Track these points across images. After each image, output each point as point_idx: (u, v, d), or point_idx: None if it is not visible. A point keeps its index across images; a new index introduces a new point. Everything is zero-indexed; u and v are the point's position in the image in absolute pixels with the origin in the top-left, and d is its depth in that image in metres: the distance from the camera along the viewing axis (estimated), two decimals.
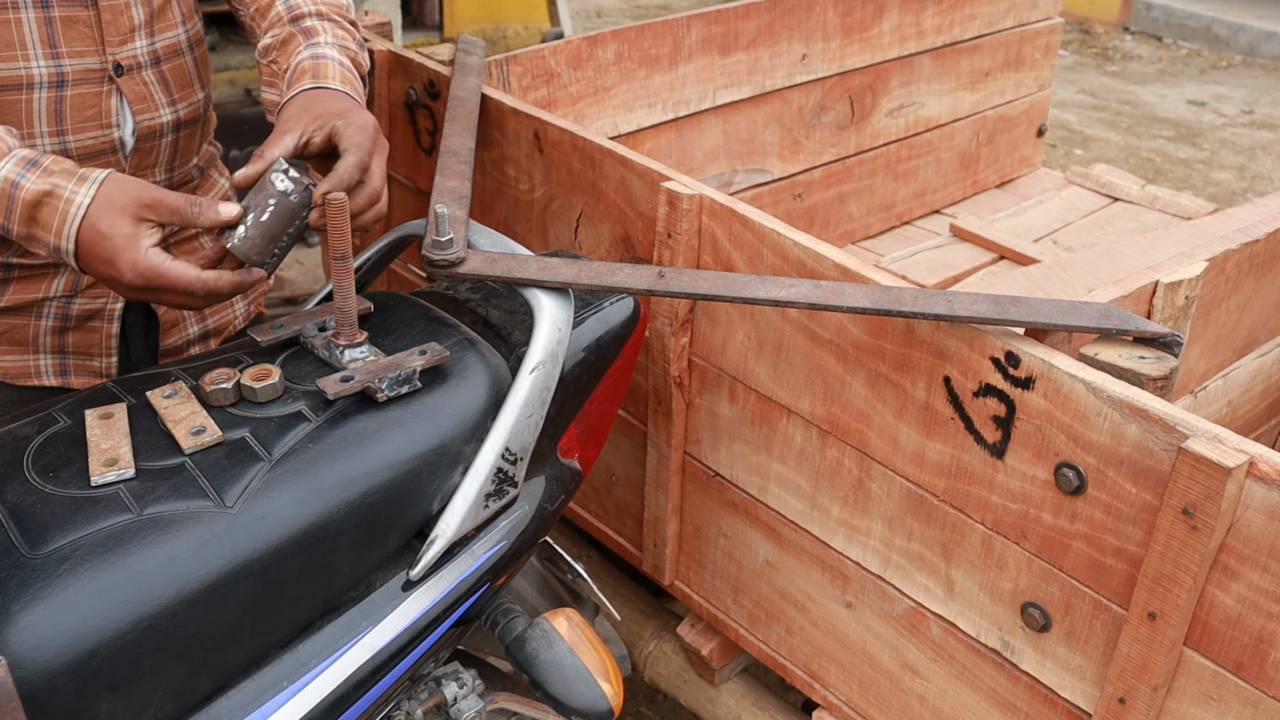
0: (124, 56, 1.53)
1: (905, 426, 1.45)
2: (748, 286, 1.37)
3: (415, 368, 1.31)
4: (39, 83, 1.47)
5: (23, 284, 1.59)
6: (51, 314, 1.62)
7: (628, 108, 2.31)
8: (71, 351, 1.66)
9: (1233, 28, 7.55)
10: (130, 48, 1.53)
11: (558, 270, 1.39)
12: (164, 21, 1.58)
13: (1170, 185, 5.38)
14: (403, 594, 1.29)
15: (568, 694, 1.44)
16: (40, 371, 1.65)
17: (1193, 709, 1.28)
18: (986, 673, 1.49)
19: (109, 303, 1.64)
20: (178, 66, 1.62)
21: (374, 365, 1.32)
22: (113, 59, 1.52)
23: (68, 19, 1.47)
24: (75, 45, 1.48)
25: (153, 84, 1.57)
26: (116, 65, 1.52)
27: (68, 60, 1.48)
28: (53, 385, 1.66)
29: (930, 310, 1.31)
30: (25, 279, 1.58)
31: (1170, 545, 1.20)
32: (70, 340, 1.65)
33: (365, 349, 1.35)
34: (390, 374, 1.29)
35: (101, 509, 1.13)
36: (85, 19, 1.49)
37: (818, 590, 1.68)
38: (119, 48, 1.52)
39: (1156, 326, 1.34)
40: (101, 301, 1.64)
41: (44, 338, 1.63)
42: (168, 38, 1.59)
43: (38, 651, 1.03)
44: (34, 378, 1.64)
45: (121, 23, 1.52)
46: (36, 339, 1.63)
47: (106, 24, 1.50)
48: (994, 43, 3.02)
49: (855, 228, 2.94)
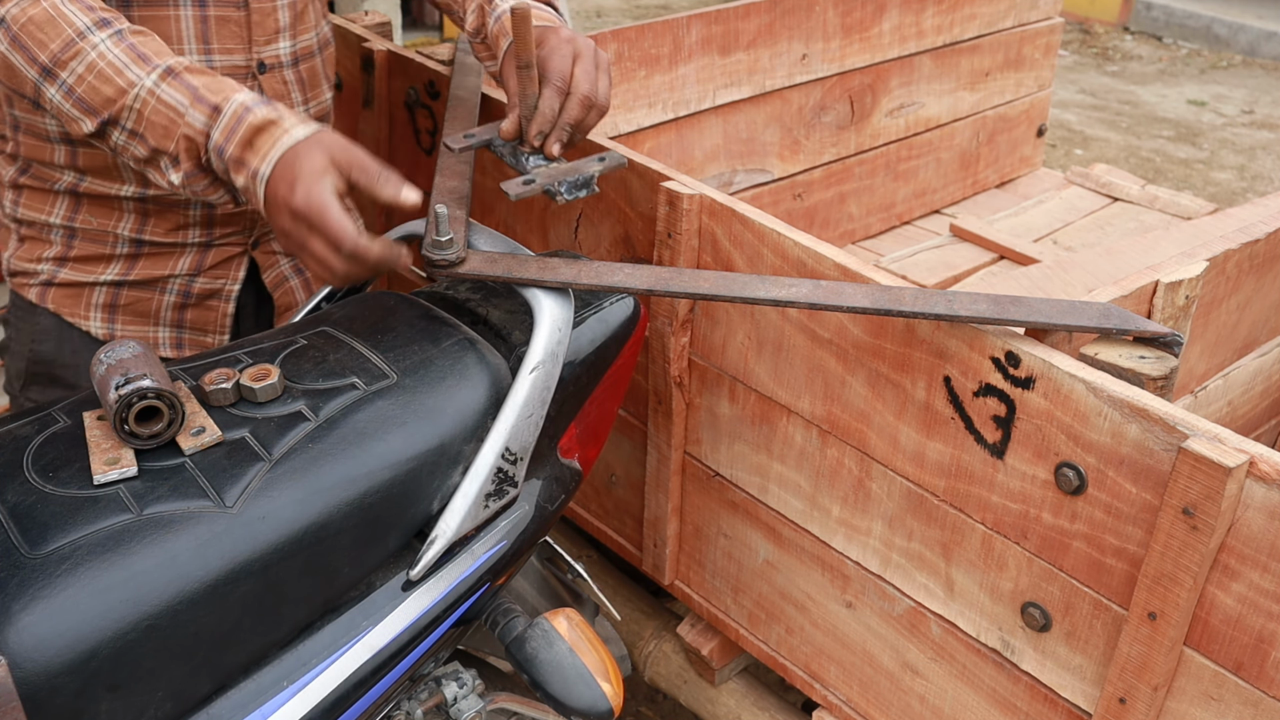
0: (267, 56, 1.62)
1: (905, 426, 1.45)
2: (748, 286, 1.37)
3: (594, 172, 1.40)
4: None
5: (152, 260, 1.68)
6: (175, 290, 1.71)
7: (628, 107, 2.31)
8: (188, 327, 1.75)
9: (1233, 28, 7.55)
10: (274, 48, 1.63)
11: (558, 270, 1.39)
12: (304, 24, 1.68)
13: (1170, 185, 5.38)
14: (403, 594, 1.29)
15: (568, 694, 1.44)
16: (158, 343, 1.74)
17: (1193, 709, 1.28)
18: (987, 672, 1.49)
19: (227, 284, 1.74)
20: (311, 67, 1.71)
21: (555, 170, 1.40)
22: (257, 57, 1.61)
23: (221, 18, 1.56)
24: (226, 43, 1.57)
25: (290, 83, 1.67)
26: (260, 63, 1.61)
27: (217, 56, 1.57)
28: (168, 357, 1.74)
29: (930, 310, 1.31)
30: (155, 255, 1.68)
31: (1170, 545, 1.20)
32: (188, 316, 1.74)
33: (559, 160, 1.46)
34: (569, 178, 1.38)
35: (101, 509, 1.13)
36: (237, 19, 1.57)
37: (818, 590, 1.68)
38: (264, 47, 1.61)
39: (1157, 326, 1.34)
40: (221, 282, 1.73)
41: (165, 312, 1.72)
42: (305, 39, 1.69)
43: (38, 651, 1.02)
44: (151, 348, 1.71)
45: (269, 24, 1.61)
46: (158, 313, 1.72)
47: (255, 24, 1.59)
48: (994, 43, 3.02)
49: (855, 228, 2.94)
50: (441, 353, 1.38)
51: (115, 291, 1.68)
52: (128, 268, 1.67)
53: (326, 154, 1.31)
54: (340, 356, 1.35)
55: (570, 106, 1.45)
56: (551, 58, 1.47)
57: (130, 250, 1.66)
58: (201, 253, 1.70)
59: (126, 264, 1.67)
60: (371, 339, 1.38)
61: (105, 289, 1.68)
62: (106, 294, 1.68)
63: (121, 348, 1.23)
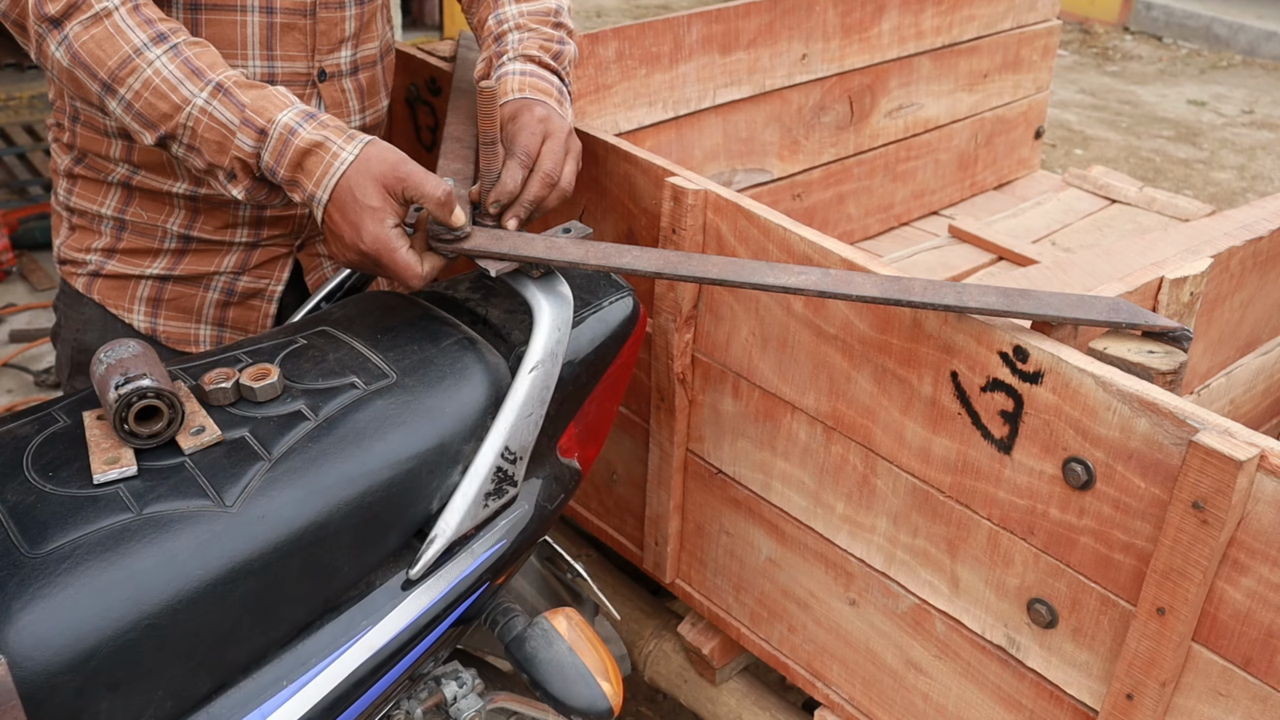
0: (329, 64, 1.64)
1: (911, 422, 1.45)
2: (756, 272, 1.36)
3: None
4: (252, 79, 1.55)
5: (198, 257, 1.69)
6: (219, 288, 1.72)
7: (628, 106, 2.30)
8: (230, 325, 1.76)
9: (1233, 28, 7.56)
10: (335, 57, 1.64)
11: (565, 250, 1.38)
12: (368, 34, 1.69)
13: (1170, 185, 5.38)
14: (402, 593, 1.29)
15: (567, 693, 1.43)
16: (199, 340, 1.75)
17: (1201, 705, 1.27)
18: (992, 670, 1.48)
19: (270, 284, 1.75)
20: (371, 76, 1.73)
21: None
22: (319, 65, 1.62)
23: (287, 26, 1.57)
24: (289, 50, 1.59)
25: (349, 91, 1.68)
26: (320, 71, 1.63)
27: (280, 63, 1.59)
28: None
29: (939, 301, 1.31)
30: (201, 252, 1.69)
31: (1180, 540, 1.19)
32: (231, 314, 1.75)
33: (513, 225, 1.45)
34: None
35: (101, 508, 1.13)
36: (303, 27, 1.59)
37: (821, 588, 1.67)
38: (326, 56, 1.63)
39: (1166, 321, 1.33)
40: (264, 282, 1.74)
41: (208, 309, 1.73)
42: (368, 49, 1.70)
43: (38, 650, 1.02)
44: (192, 345, 1.74)
45: (334, 33, 1.62)
46: (201, 309, 1.73)
47: (321, 34, 1.61)
48: (992, 44, 3.02)
49: (854, 228, 2.93)
50: (441, 352, 1.37)
51: (160, 286, 1.70)
52: (174, 262, 1.68)
53: (379, 185, 1.34)
54: (340, 356, 1.35)
55: (532, 183, 1.45)
56: (521, 133, 1.47)
57: (178, 245, 1.68)
58: (247, 252, 1.71)
59: (173, 259, 1.68)
60: (371, 338, 1.38)
61: (150, 283, 1.69)
62: (151, 288, 1.70)
63: (121, 347, 1.23)
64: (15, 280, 4.03)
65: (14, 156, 4.53)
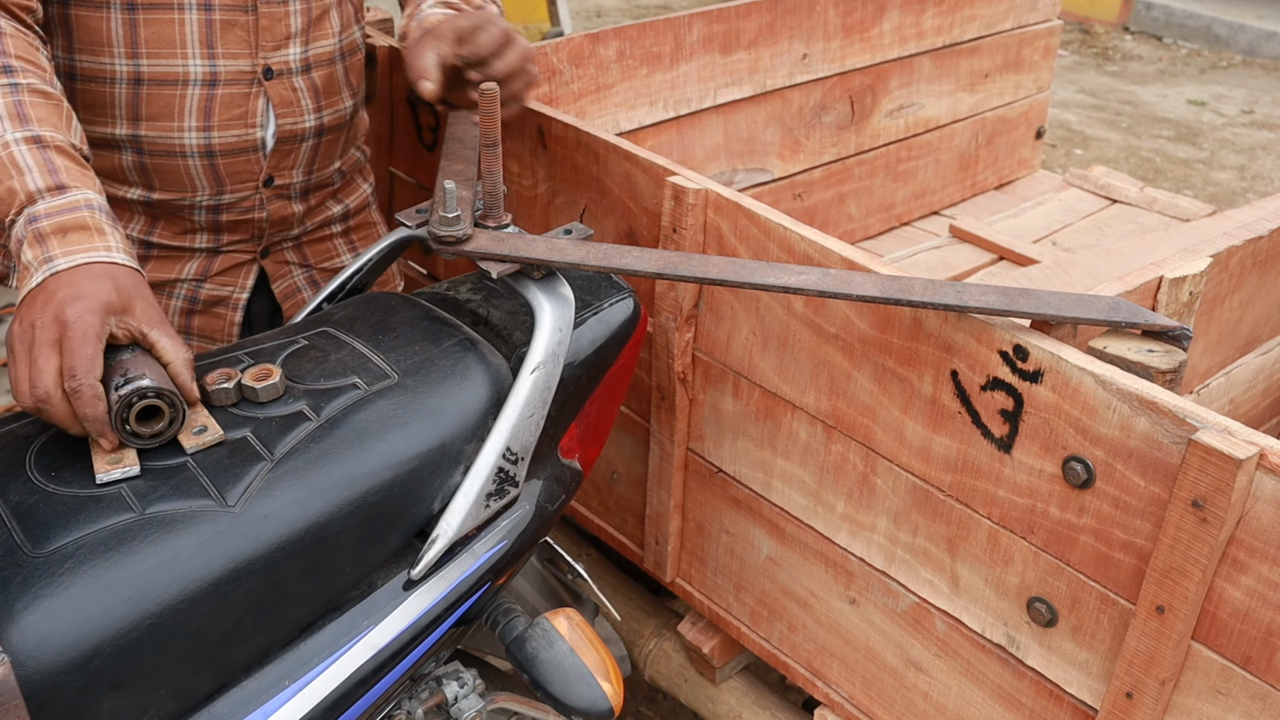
0: (275, 61, 1.59)
1: (911, 421, 1.45)
2: (757, 272, 1.36)
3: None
4: (193, 80, 1.54)
5: (160, 264, 1.68)
6: (182, 295, 1.70)
7: (629, 105, 2.31)
8: (196, 333, 1.74)
9: (1233, 28, 7.56)
10: (283, 54, 1.60)
11: (565, 251, 1.38)
12: (320, 31, 1.65)
13: (1170, 185, 5.38)
14: (404, 593, 1.29)
15: (568, 693, 1.44)
16: None
17: (1200, 703, 1.27)
18: (991, 669, 1.48)
19: (235, 291, 1.73)
20: (328, 75, 1.68)
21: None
22: (264, 63, 1.58)
23: (227, 22, 1.54)
24: (231, 47, 1.55)
25: (301, 90, 1.64)
26: (266, 69, 1.59)
27: (222, 61, 1.55)
28: None
29: (939, 300, 1.31)
30: (162, 259, 1.67)
31: (1179, 538, 1.19)
32: (196, 323, 1.73)
33: (512, 229, 1.44)
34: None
35: (104, 508, 1.13)
36: (244, 23, 1.55)
37: (821, 587, 1.67)
38: (272, 53, 1.59)
39: (1166, 320, 1.33)
40: (229, 289, 1.72)
41: (173, 317, 1.71)
42: (322, 46, 1.66)
43: (40, 650, 1.02)
44: None
45: (278, 30, 1.58)
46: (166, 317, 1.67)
47: (263, 30, 1.57)
48: (993, 44, 3.02)
49: (855, 228, 2.94)
50: (442, 353, 1.38)
51: None
52: None
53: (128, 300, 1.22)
54: (341, 357, 1.35)
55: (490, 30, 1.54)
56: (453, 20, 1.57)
57: (140, 251, 1.66)
58: (209, 258, 1.69)
59: None
60: (373, 339, 1.38)
61: None
62: None
63: (119, 349, 1.23)
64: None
65: None
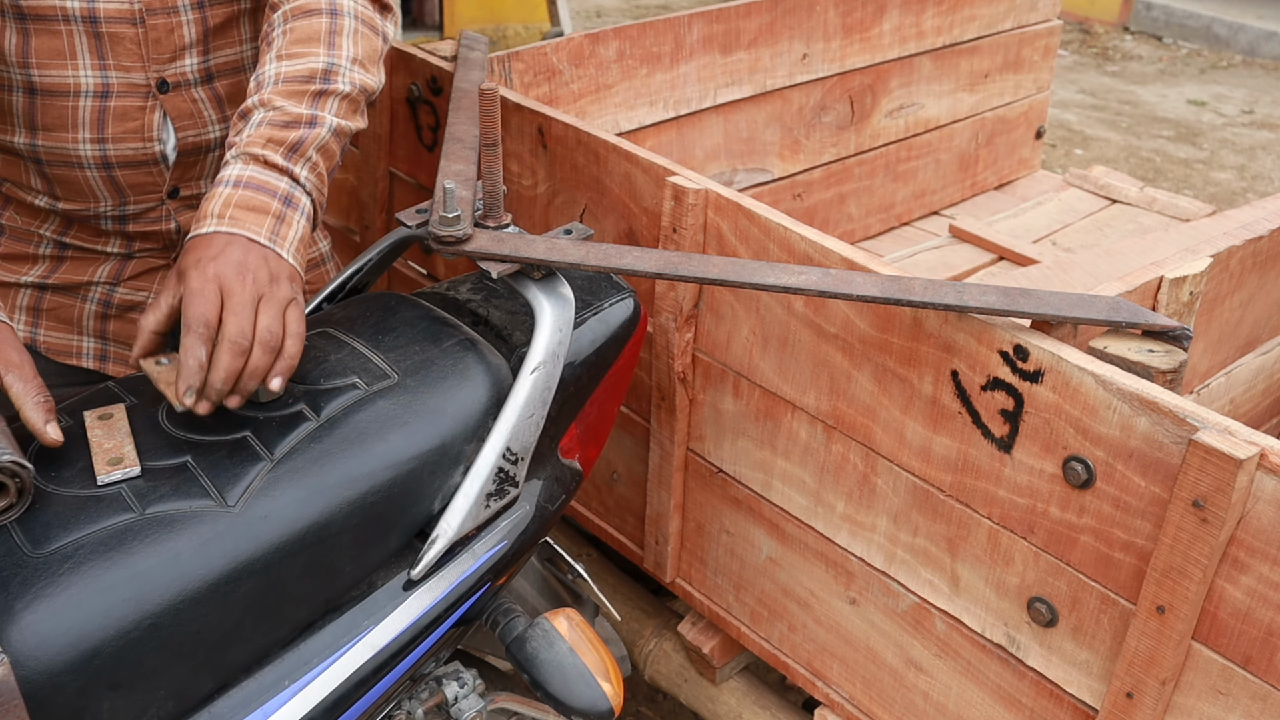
0: (170, 74, 1.54)
1: (912, 421, 1.45)
2: (757, 272, 1.36)
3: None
4: (85, 91, 1.50)
5: (74, 264, 1.64)
6: (95, 299, 1.67)
7: (629, 105, 2.31)
8: (112, 339, 1.70)
9: (1233, 28, 7.56)
10: (179, 65, 1.54)
11: (565, 251, 1.38)
12: (223, 39, 1.58)
13: (1170, 185, 5.38)
14: (404, 593, 1.29)
15: (568, 694, 1.44)
16: (82, 353, 1.69)
17: (1200, 703, 1.27)
18: (991, 669, 1.48)
19: (149, 296, 1.68)
20: (235, 83, 1.62)
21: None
22: (158, 75, 1.53)
23: (114, 35, 1.49)
24: (122, 60, 1.50)
25: (203, 101, 1.58)
26: (161, 82, 1.53)
27: (114, 73, 1.50)
28: (91, 368, 1.70)
29: (940, 300, 1.31)
30: (76, 259, 1.64)
31: (1180, 538, 1.19)
32: (111, 328, 1.69)
33: (512, 229, 1.43)
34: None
35: (104, 508, 1.13)
36: (132, 36, 1.50)
37: (821, 587, 1.67)
38: (166, 65, 1.53)
39: (1166, 320, 1.33)
40: (144, 295, 1.68)
41: (87, 320, 1.68)
42: (227, 55, 1.59)
43: (40, 650, 1.02)
44: (75, 358, 1.69)
45: (169, 41, 1.52)
46: (80, 320, 1.68)
47: (153, 42, 1.51)
48: (993, 44, 3.02)
49: (855, 228, 2.94)
50: (443, 353, 1.38)
51: (39, 295, 1.65)
52: (50, 269, 1.64)
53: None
54: (341, 357, 1.35)
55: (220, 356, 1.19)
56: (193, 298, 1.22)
57: (54, 252, 1.63)
58: (122, 262, 1.66)
59: (50, 265, 1.64)
60: (373, 339, 1.38)
61: (29, 291, 1.65)
62: (30, 296, 1.65)
63: None
64: None
65: None
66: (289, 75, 1.40)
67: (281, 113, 1.37)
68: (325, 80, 1.42)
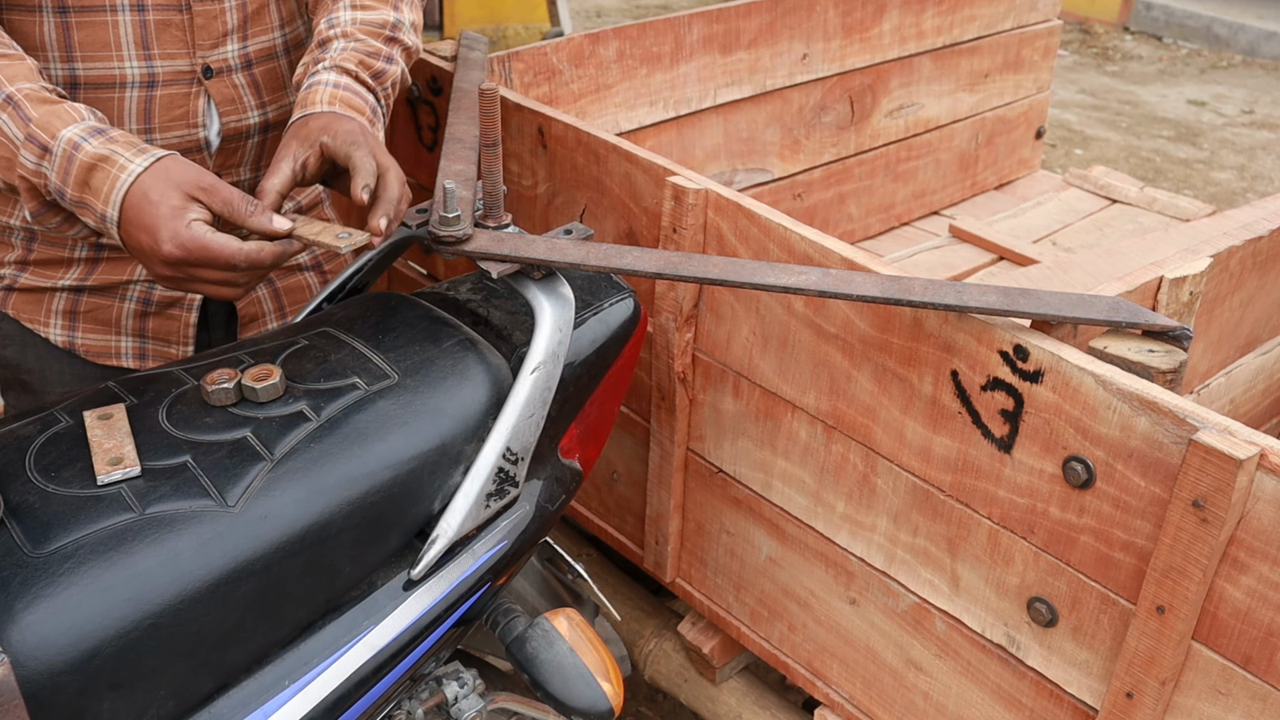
0: (214, 60, 1.56)
1: (912, 421, 1.45)
2: (757, 273, 1.36)
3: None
4: (130, 82, 1.51)
5: (111, 265, 1.64)
6: (134, 297, 1.67)
7: (629, 105, 2.31)
8: (151, 336, 1.71)
9: (1233, 28, 7.56)
10: (221, 51, 1.57)
11: (565, 251, 1.38)
12: (259, 26, 1.61)
13: (1170, 185, 5.38)
14: (404, 593, 1.29)
15: (568, 693, 1.44)
16: (120, 353, 1.70)
17: (1200, 703, 1.27)
18: (991, 669, 1.48)
19: (189, 293, 1.69)
20: (270, 70, 1.65)
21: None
22: (202, 62, 1.55)
23: (162, 22, 1.51)
24: (167, 48, 1.52)
25: (242, 86, 1.61)
26: (205, 68, 1.56)
27: (159, 62, 1.52)
28: (131, 367, 1.71)
29: (940, 300, 1.31)
30: (113, 260, 1.64)
31: (1179, 538, 1.19)
32: (150, 325, 1.70)
33: (512, 229, 1.44)
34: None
35: (104, 508, 1.13)
36: (179, 22, 1.52)
37: (821, 587, 1.67)
38: (209, 51, 1.56)
39: (1166, 320, 1.33)
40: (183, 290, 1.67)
41: (126, 320, 1.68)
42: (262, 41, 1.62)
43: (40, 650, 1.02)
44: (113, 358, 1.70)
45: (214, 27, 1.55)
46: (119, 320, 1.68)
47: (199, 28, 1.54)
48: (993, 44, 3.02)
49: (855, 228, 2.94)
50: (443, 353, 1.38)
51: (75, 298, 1.65)
52: (87, 272, 1.64)
53: (178, 188, 1.26)
54: (342, 357, 1.35)
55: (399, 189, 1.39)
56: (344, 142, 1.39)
57: (90, 254, 1.63)
58: None
59: (86, 268, 1.64)
60: (373, 339, 1.38)
61: (65, 295, 1.65)
62: (67, 300, 1.65)
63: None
64: None
65: None
66: (365, 21, 1.57)
67: (365, 44, 1.54)
68: (394, 31, 1.59)
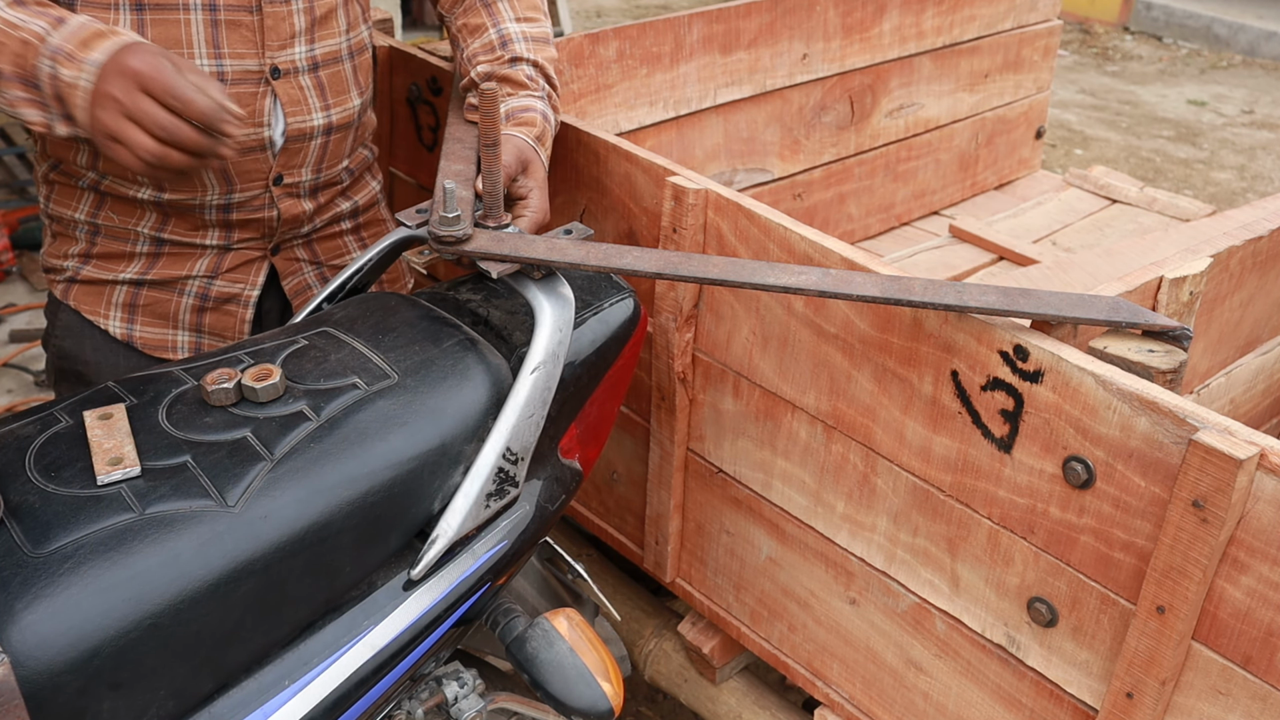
0: (282, 61, 1.59)
1: (912, 421, 1.45)
2: (757, 273, 1.36)
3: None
4: None
5: (171, 260, 1.68)
6: (193, 292, 1.70)
7: (629, 105, 2.31)
8: (207, 331, 1.74)
9: (1233, 28, 7.56)
10: (289, 53, 1.60)
11: (566, 251, 1.38)
12: (326, 29, 1.64)
13: (1170, 185, 5.38)
14: (404, 593, 1.29)
15: (568, 693, 1.43)
16: (177, 347, 1.73)
17: (1200, 703, 1.27)
18: (991, 669, 1.48)
19: (245, 289, 1.73)
20: (335, 73, 1.68)
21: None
22: (270, 62, 1.58)
23: (232, 22, 1.54)
24: (237, 48, 1.55)
25: (308, 88, 1.63)
26: (273, 68, 1.58)
27: (228, 61, 1.55)
28: None
29: (940, 300, 1.31)
30: (174, 255, 1.67)
31: (1179, 538, 1.19)
32: (207, 320, 1.73)
33: (512, 229, 1.45)
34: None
35: (104, 508, 1.13)
36: (249, 23, 1.55)
37: (821, 587, 1.67)
38: (278, 52, 1.58)
39: (1166, 320, 1.33)
40: (239, 286, 1.72)
41: (184, 314, 1.72)
42: (328, 45, 1.65)
43: (40, 650, 1.02)
44: (169, 351, 1.73)
45: (283, 29, 1.58)
46: (176, 314, 1.71)
47: (268, 29, 1.56)
48: (993, 44, 3.02)
49: (855, 228, 2.94)
50: (443, 353, 1.37)
51: (135, 291, 1.68)
52: (148, 266, 1.67)
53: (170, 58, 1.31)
54: (341, 357, 1.35)
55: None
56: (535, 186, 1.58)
57: (151, 249, 1.66)
58: (220, 255, 1.69)
59: (147, 262, 1.67)
60: (373, 339, 1.38)
61: (125, 288, 1.68)
62: (126, 293, 1.69)
63: None
64: (15, 280, 4.04)
65: (14, 156, 4.53)
66: (534, 35, 1.74)
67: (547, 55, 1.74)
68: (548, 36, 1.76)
